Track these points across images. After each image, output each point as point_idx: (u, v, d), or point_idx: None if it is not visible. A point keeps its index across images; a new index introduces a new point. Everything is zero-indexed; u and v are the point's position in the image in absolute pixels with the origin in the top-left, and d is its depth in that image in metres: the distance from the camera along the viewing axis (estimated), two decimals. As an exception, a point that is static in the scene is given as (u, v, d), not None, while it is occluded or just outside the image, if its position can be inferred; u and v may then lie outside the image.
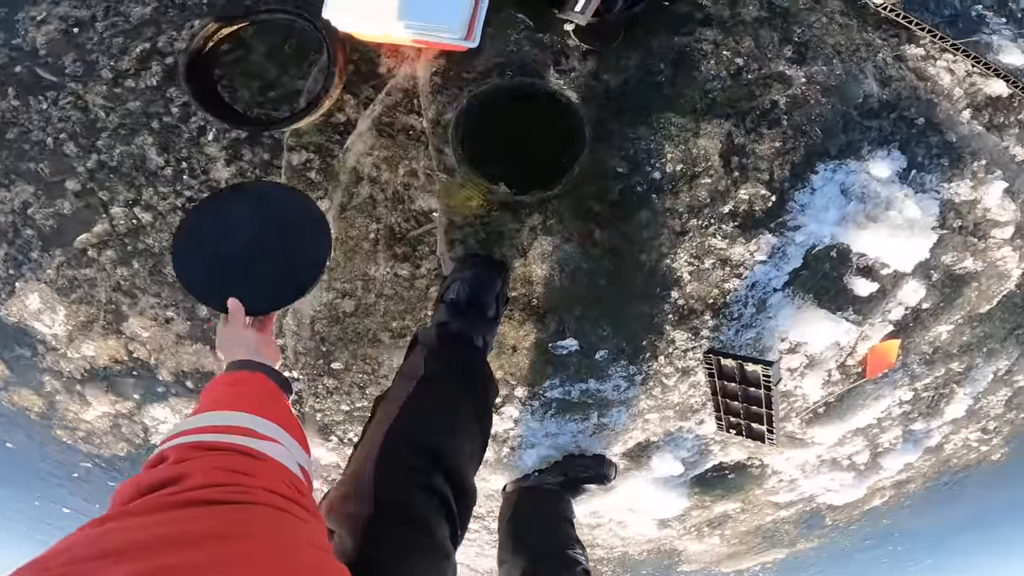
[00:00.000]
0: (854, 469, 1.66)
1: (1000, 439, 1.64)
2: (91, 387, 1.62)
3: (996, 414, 1.57)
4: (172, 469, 0.48)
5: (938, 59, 1.11)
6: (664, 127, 1.16)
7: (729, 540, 1.95)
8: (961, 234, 1.23)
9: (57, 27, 1.12)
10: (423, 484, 0.80)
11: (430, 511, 0.79)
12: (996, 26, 1.13)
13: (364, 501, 0.77)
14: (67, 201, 1.32)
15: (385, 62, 1.16)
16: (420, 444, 0.85)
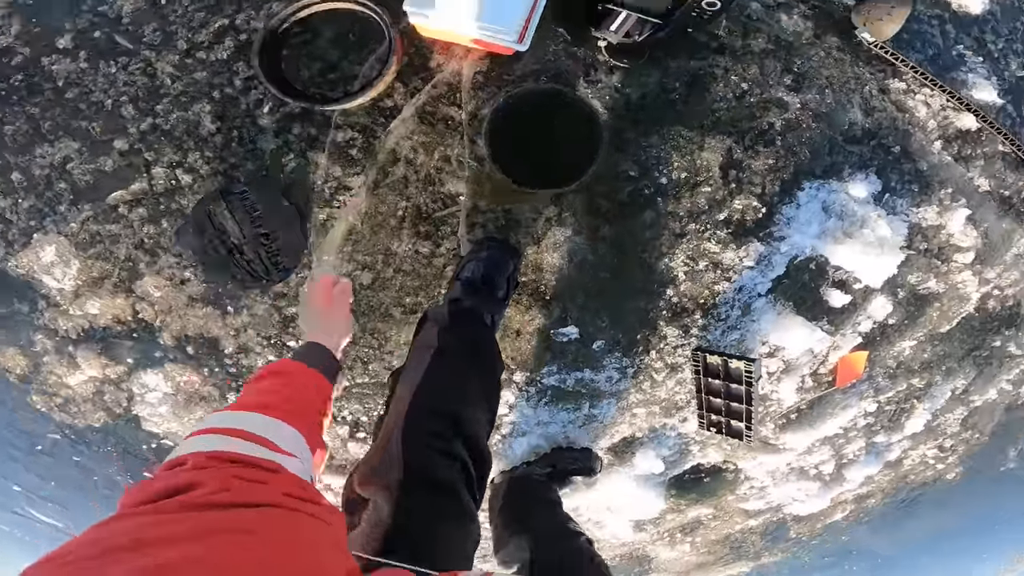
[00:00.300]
0: (820, 479, 1.77)
1: (955, 458, 1.77)
2: (84, 348, 1.60)
3: (952, 432, 1.71)
4: (188, 475, 0.48)
5: (917, 93, 1.29)
6: (673, 139, 1.31)
7: (699, 548, 2.02)
8: (926, 256, 1.40)
9: None
10: (445, 450, 0.87)
11: (454, 476, 0.85)
12: (973, 64, 1.31)
13: (394, 467, 0.82)
14: (110, 159, 1.38)
15: (436, 58, 1.29)
16: (440, 413, 0.91)
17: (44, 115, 1.35)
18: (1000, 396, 1.67)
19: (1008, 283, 1.49)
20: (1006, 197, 1.40)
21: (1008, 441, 1.78)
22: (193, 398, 1.66)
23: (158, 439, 1.77)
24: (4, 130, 1.38)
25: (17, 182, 1.42)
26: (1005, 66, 1.35)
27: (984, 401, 1.67)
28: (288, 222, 1.39)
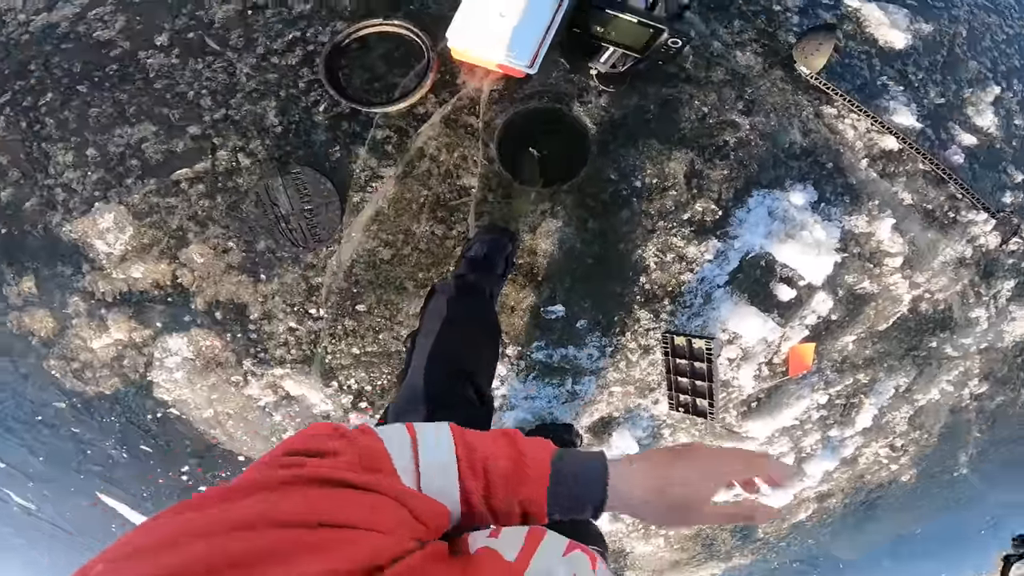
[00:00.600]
0: (781, 472, 1.92)
1: (908, 459, 1.93)
2: (116, 312, 1.75)
3: (901, 431, 1.88)
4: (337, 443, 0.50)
5: (846, 117, 1.59)
6: (647, 151, 1.62)
7: (672, 544, 2.12)
8: (860, 260, 1.66)
9: (236, 7, 1.57)
10: (459, 393, 1.07)
11: (465, 407, 1.06)
12: (895, 92, 1.60)
13: (420, 404, 1.02)
14: (182, 142, 1.66)
15: (462, 76, 1.62)
16: (454, 364, 1.12)
17: (131, 101, 1.65)
18: (943, 397, 1.86)
19: (938, 288, 1.73)
20: (929, 211, 1.67)
21: (958, 445, 1.94)
22: (211, 364, 1.81)
23: (165, 408, 1.88)
24: (89, 112, 1.67)
25: (91, 157, 1.68)
26: (924, 94, 1.65)
27: (928, 401, 1.85)
28: (328, 201, 1.67)
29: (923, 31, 1.65)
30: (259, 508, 0.40)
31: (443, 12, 1.57)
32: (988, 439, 1.95)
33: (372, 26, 1.56)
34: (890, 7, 1.60)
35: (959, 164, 1.64)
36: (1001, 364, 1.84)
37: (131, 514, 2.12)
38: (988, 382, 1.85)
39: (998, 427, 1.93)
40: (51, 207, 1.72)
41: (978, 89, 1.67)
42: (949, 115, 1.66)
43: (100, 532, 2.18)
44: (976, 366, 1.82)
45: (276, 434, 1.93)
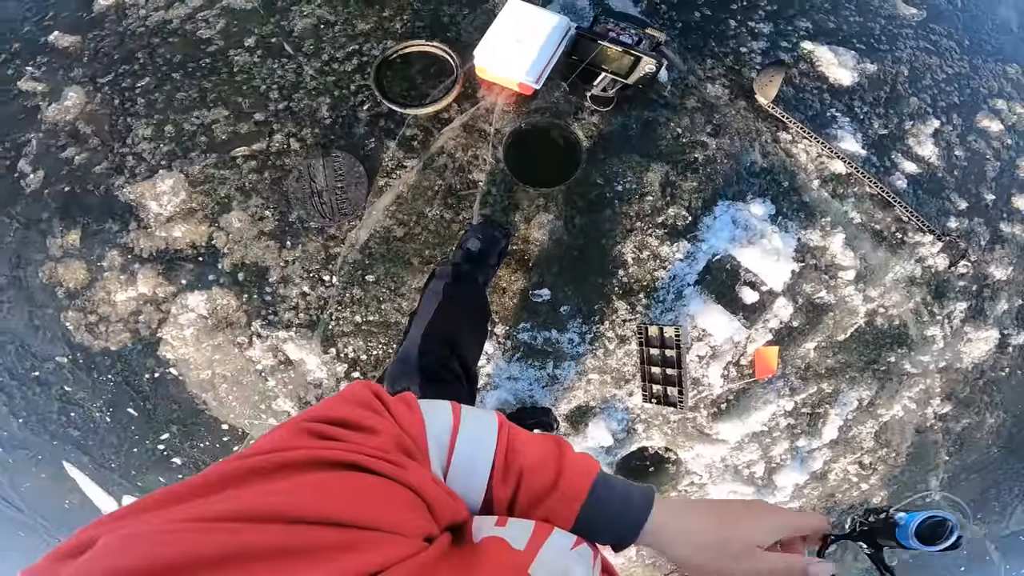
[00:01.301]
0: (753, 483, 1.95)
1: (877, 479, 1.94)
2: (148, 267, 1.92)
3: (868, 447, 1.92)
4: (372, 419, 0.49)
5: (799, 143, 1.85)
6: (628, 161, 1.90)
7: (645, 558, 2.07)
8: (816, 271, 1.84)
9: (312, 22, 1.98)
10: (447, 366, 1.22)
11: (453, 381, 1.23)
12: (843, 123, 1.87)
13: (414, 374, 1.18)
14: (247, 125, 1.99)
15: (482, 91, 1.97)
16: (444, 340, 1.26)
17: (213, 89, 2.01)
18: (907, 414, 1.92)
19: (891, 303, 1.88)
20: (878, 231, 1.87)
21: (927, 468, 1.95)
22: (221, 323, 1.96)
23: (164, 367, 1.97)
24: (176, 95, 2.03)
25: (167, 132, 2.00)
26: (869, 125, 1.92)
27: (892, 417, 1.91)
28: (358, 182, 1.96)
29: (868, 70, 1.96)
30: (276, 500, 0.38)
31: (472, 40, 1.94)
32: (958, 463, 1.97)
33: (416, 45, 1.96)
34: (840, 49, 1.94)
35: (903, 189, 1.88)
36: (963, 385, 1.92)
37: (91, 487, 2.11)
38: (951, 403, 1.93)
39: (966, 451, 1.95)
40: (119, 172, 2.00)
41: (919, 122, 1.94)
42: (892, 144, 1.92)
43: (51, 512, 2.17)
44: (937, 385, 1.91)
45: (266, 401, 2.01)
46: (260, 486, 0.40)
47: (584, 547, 0.51)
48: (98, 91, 2.06)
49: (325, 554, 0.36)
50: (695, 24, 1.95)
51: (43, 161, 2.04)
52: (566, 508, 0.55)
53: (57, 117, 2.07)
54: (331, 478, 0.42)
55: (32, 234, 2.01)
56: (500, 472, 0.54)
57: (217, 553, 0.32)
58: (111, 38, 2.12)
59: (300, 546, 0.35)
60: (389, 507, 0.43)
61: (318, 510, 0.38)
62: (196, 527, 0.34)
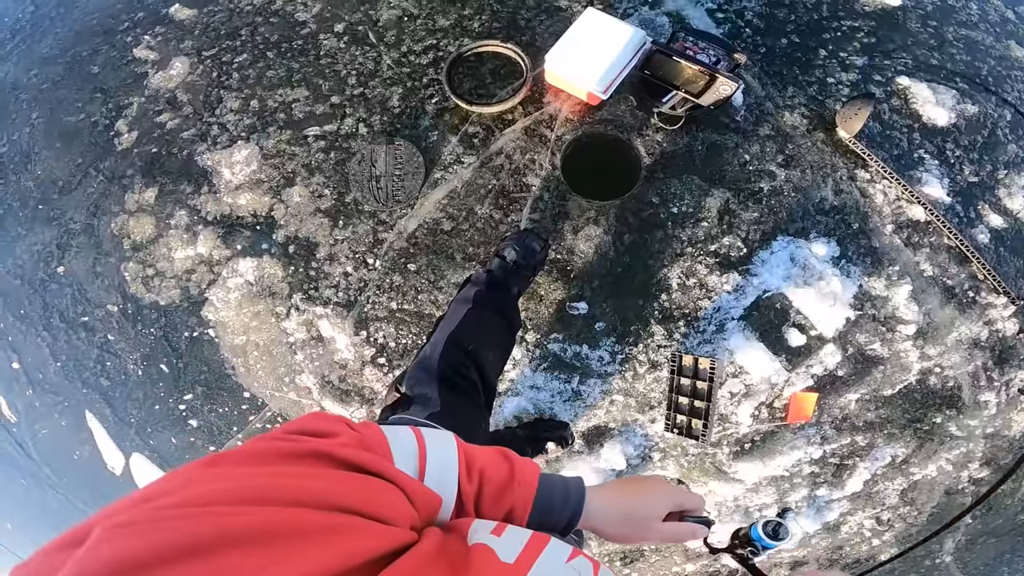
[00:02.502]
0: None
1: (892, 535, 1.86)
2: (209, 230, 2.01)
3: (891, 504, 1.83)
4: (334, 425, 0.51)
5: (878, 183, 1.73)
6: (689, 184, 1.84)
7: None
8: (874, 321, 1.74)
9: (397, 13, 1.99)
10: (465, 375, 1.22)
11: (471, 390, 1.23)
12: (929, 165, 1.73)
13: (432, 379, 1.16)
14: (323, 106, 2.03)
15: (548, 97, 1.94)
16: (465, 348, 1.24)
17: (300, 70, 2.07)
18: (940, 475, 1.82)
19: (949, 364, 1.77)
20: (949, 286, 1.75)
21: (947, 530, 1.85)
22: (264, 292, 2.02)
23: (204, 327, 2.06)
24: (267, 73, 2.12)
25: (252, 107, 2.08)
26: (959, 171, 1.78)
27: (924, 476, 1.82)
28: (416, 171, 1.99)
29: (968, 111, 1.81)
30: (261, 482, 0.39)
31: (546, 46, 1.90)
32: (980, 527, 1.86)
33: (491, 45, 1.94)
34: (939, 88, 1.79)
35: (984, 244, 1.74)
36: (1006, 452, 1.80)
37: (105, 441, 2.20)
38: (989, 468, 1.81)
39: (992, 516, 1.84)
40: (203, 139, 2.10)
41: (1013, 172, 1.79)
42: (981, 194, 1.78)
43: (59, 462, 2.27)
44: (979, 450, 1.79)
45: (291, 374, 2.06)
46: (257, 469, 0.41)
47: (581, 559, 0.51)
48: (201, 63, 2.17)
49: (321, 537, 0.36)
50: (780, 50, 1.85)
51: (139, 123, 2.17)
52: (524, 497, 0.62)
53: (161, 84, 2.20)
54: (317, 468, 0.44)
55: (114, 188, 2.14)
56: (464, 475, 0.59)
57: (215, 535, 0.32)
58: (222, 14, 2.21)
59: (295, 529, 0.35)
60: (381, 496, 0.45)
61: (317, 495, 0.39)
62: (192, 512, 0.34)
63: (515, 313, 1.56)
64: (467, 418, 1.14)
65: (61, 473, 2.32)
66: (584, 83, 1.75)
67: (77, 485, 2.33)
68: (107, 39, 2.36)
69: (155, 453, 2.18)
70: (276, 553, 0.34)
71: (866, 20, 1.96)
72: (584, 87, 1.77)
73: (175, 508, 0.34)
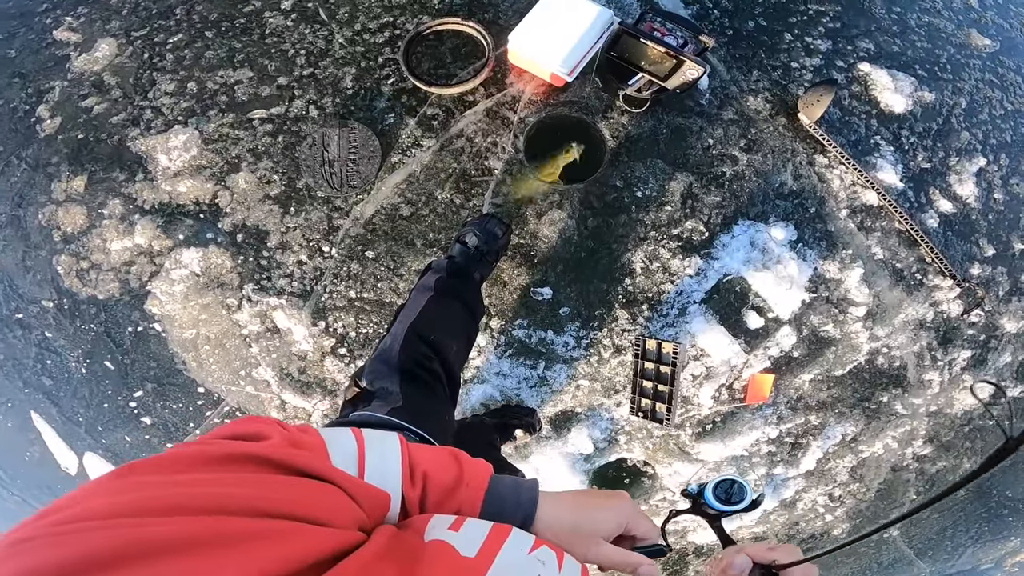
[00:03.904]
0: (726, 503, 1.96)
1: (843, 511, 1.96)
2: (147, 219, 1.88)
3: (842, 480, 1.93)
4: (264, 427, 0.49)
5: (835, 168, 1.76)
6: (653, 168, 1.83)
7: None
8: (827, 304, 1.80)
9: None
10: (427, 367, 1.17)
11: (434, 383, 1.17)
12: (885, 151, 1.77)
13: (393, 372, 1.11)
14: (269, 88, 1.90)
15: (511, 78, 1.87)
16: (427, 339, 1.20)
17: (242, 49, 1.92)
18: (887, 452, 1.92)
19: (896, 345, 1.85)
20: (898, 269, 1.81)
21: (893, 505, 1.97)
22: (213, 283, 1.92)
23: (149, 322, 1.94)
24: (205, 54, 1.95)
25: (189, 89, 1.93)
26: (912, 157, 1.83)
27: (871, 454, 1.91)
28: (372, 156, 1.89)
29: (925, 99, 1.86)
30: (175, 490, 0.37)
31: (510, 24, 1.83)
32: (924, 503, 1.97)
33: (451, 23, 1.85)
34: (899, 74, 1.83)
35: (933, 228, 1.81)
36: (948, 430, 1.91)
37: (55, 440, 2.10)
38: (932, 445, 1.92)
39: (935, 492, 1.95)
40: (135, 124, 1.94)
41: (965, 159, 1.86)
42: (932, 180, 1.84)
43: (9, 464, 2.16)
44: (923, 428, 1.90)
45: (247, 368, 1.98)
46: (173, 477, 0.38)
47: (544, 549, 0.51)
48: (130, 44, 2.00)
49: (245, 544, 0.34)
50: (747, 33, 1.84)
51: (63, 108, 2.00)
52: (473, 498, 0.60)
53: (85, 67, 2.02)
54: (248, 473, 0.42)
55: (39, 176, 1.97)
56: (407, 478, 0.57)
57: (117, 549, 0.31)
58: None
59: (214, 538, 0.34)
60: (318, 498, 0.43)
61: (242, 501, 0.37)
62: (93, 526, 0.32)
63: (478, 300, 1.52)
64: (430, 412, 1.10)
65: (13, 475, 2.20)
66: (549, 64, 1.70)
67: (31, 486, 2.21)
68: (24, 21, 2.15)
69: (109, 452, 2.07)
70: (189, 564, 0.32)
71: (832, 4, 1.97)
72: (549, 68, 1.72)
73: (74, 522, 0.32)
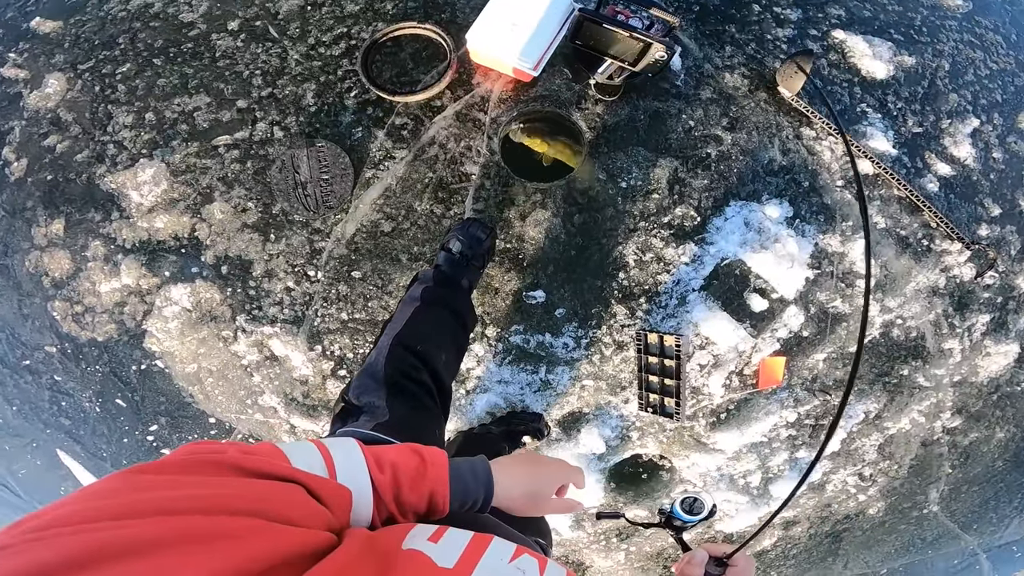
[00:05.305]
0: (748, 492, 1.90)
1: (876, 490, 1.88)
2: (131, 258, 1.86)
3: (870, 459, 1.85)
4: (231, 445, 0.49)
5: (824, 140, 1.68)
6: (635, 156, 1.75)
7: (633, 561, 2.06)
8: (832, 279, 1.72)
9: (298, 3, 1.80)
10: (415, 378, 1.12)
11: (422, 395, 1.11)
12: (873, 119, 1.69)
13: (380, 386, 1.07)
14: (229, 113, 1.86)
15: (477, 78, 1.81)
16: (413, 349, 1.15)
17: (195, 75, 1.88)
18: (914, 428, 1.84)
19: (910, 315, 1.77)
20: (903, 237, 1.73)
21: (928, 480, 1.89)
22: (206, 317, 1.90)
23: (151, 360, 1.94)
24: (157, 82, 1.90)
25: (148, 120, 1.89)
26: (902, 123, 1.75)
27: (899, 430, 1.83)
28: (344, 173, 1.84)
29: (906, 63, 1.77)
30: (148, 495, 0.38)
31: (468, 21, 1.76)
32: (961, 476, 1.89)
33: (407, 27, 1.78)
34: (875, 40, 1.74)
35: (934, 193, 1.72)
36: (975, 399, 1.83)
37: (85, 475, 2.13)
38: (961, 416, 1.84)
39: (971, 464, 1.88)
40: (100, 160, 1.91)
41: (957, 120, 1.77)
42: (926, 144, 1.76)
43: (47, 498, 2.12)
44: (949, 399, 1.82)
45: (252, 396, 1.97)
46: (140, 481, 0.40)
47: (525, 557, 0.51)
48: (79, 78, 1.96)
49: (217, 543, 0.35)
50: (714, 7, 1.76)
51: (26, 149, 1.97)
52: (439, 477, 0.64)
53: (39, 104, 1.98)
54: (210, 476, 0.43)
55: (18, 223, 1.95)
56: (375, 467, 0.60)
57: (94, 550, 0.32)
58: (92, 23, 1.99)
59: (186, 537, 0.35)
60: (283, 496, 0.44)
61: (213, 501, 0.38)
62: (69, 530, 0.33)
63: (468, 309, 1.47)
64: (417, 425, 1.03)
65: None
66: (510, 59, 1.63)
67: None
68: (-33, 63, 2.10)
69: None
70: (164, 562, 0.33)
71: (797, -31, 1.88)
72: (511, 63, 1.65)
73: (50, 528, 0.34)
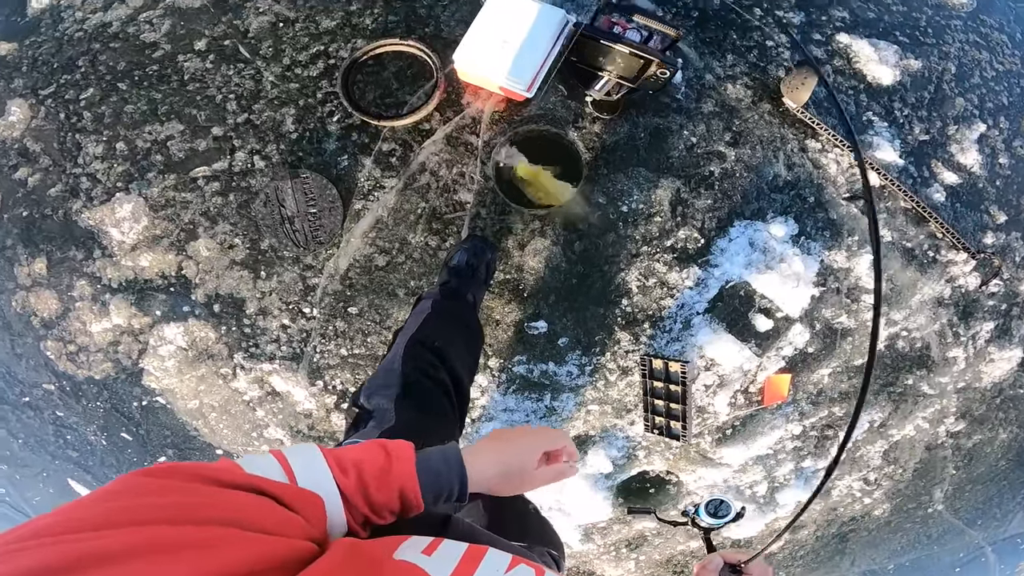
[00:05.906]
0: (755, 501, 1.94)
1: (881, 493, 1.93)
2: (119, 298, 1.81)
3: (875, 465, 1.88)
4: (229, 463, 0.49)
5: (830, 152, 1.63)
6: (635, 177, 1.68)
7: (643, 569, 2.12)
8: (838, 295, 1.69)
9: (269, 20, 1.66)
10: (433, 376, 1.09)
11: (439, 394, 1.07)
12: (879, 128, 1.64)
13: (393, 385, 1.03)
14: (205, 141, 1.75)
15: (467, 97, 1.70)
16: (431, 345, 1.13)
17: (164, 100, 1.76)
18: (918, 433, 1.87)
19: (915, 326, 1.76)
20: (909, 249, 1.70)
21: (933, 482, 1.94)
22: (202, 355, 1.86)
23: (151, 396, 1.91)
24: (125, 108, 1.77)
25: (119, 150, 1.77)
26: (909, 131, 1.70)
27: (903, 436, 1.86)
28: (332, 206, 1.75)
29: (912, 67, 1.70)
30: (123, 504, 0.37)
31: (454, 36, 1.66)
32: (965, 476, 1.94)
33: (389, 44, 1.65)
34: (880, 43, 1.66)
35: (940, 202, 1.68)
36: (979, 404, 1.85)
37: None
38: (965, 420, 1.86)
39: (975, 464, 1.92)
40: (74, 195, 1.81)
41: (963, 126, 1.72)
42: (933, 152, 1.71)
43: None
44: (953, 405, 1.84)
45: (257, 430, 1.95)
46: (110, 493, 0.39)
47: (522, 567, 0.50)
48: (41, 104, 1.82)
49: (193, 552, 0.35)
50: (714, 13, 1.65)
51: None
52: (407, 472, 0.61)
53: (4, 134, 1.86)
54: (190, 482, 0.43)
55: (0, 262, 1.87)
56: (336, 466, 0.58)
57: (73, 558, 0.32)
58: (49, 44, 1.84)
59: (162, 546, 0.35)
60: (251, 504, 0.44)
61: (186, 511, 0.38)
62: (49, 540, 0.33)
63: (476, 324, 1.45)
64: (426, 430, 0.97)
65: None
66: (499, 78, 1.53)
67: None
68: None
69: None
70: (141, 569, 0.33)
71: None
72: (500, 83, 1.55)
73: (31, 539, 0.34)
